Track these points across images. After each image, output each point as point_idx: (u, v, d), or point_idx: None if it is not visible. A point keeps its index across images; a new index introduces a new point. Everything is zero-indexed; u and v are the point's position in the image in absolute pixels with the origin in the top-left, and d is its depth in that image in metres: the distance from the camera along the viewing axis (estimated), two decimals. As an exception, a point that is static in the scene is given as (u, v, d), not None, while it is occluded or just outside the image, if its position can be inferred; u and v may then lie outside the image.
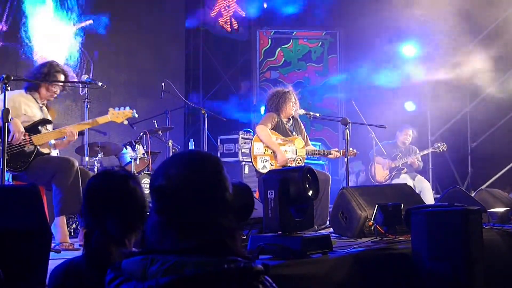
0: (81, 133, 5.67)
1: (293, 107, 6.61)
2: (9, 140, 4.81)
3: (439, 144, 8.98)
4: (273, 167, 6.31)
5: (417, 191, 8.48)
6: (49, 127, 5.29)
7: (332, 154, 6.68)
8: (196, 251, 1.70)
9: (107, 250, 2.16)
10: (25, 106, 5.14)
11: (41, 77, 5.19)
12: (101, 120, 5.47)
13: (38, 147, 5.05)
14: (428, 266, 3.54)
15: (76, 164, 4.93)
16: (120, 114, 5.54)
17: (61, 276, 2.19)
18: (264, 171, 6.26)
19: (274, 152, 6.40)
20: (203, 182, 1.80)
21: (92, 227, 2.25)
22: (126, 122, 5.66)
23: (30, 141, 5.00)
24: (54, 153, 5.31)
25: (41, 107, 5.29)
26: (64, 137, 5.27)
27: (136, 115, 5.68)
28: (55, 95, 5.41)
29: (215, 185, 1.82)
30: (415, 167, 8.94)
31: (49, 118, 5.33)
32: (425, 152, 9.10)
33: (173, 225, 1.76)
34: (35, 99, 5.26)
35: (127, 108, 5.58)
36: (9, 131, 4.82)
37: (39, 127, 5.15)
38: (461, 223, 3.54)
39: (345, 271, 3.36)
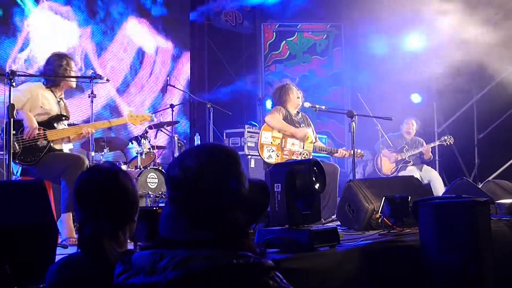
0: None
1: (298, 97, 6.66)
2: (24, 136, 4.83)
3: (446, 137, 8.97)
4: (279, 158, 6.32)
5: (425, 181, 8.48)
6: (66, 122, 5.29)
7: (338, 152, 6.68)
8: (207, 244, 1.70)
9: (98, 242, 2.17)
10: (43, 99, 5.14)
11: (60, 69, 5.20)
12: (117, 121, 5.55)
13: (51, 143, 5.03)
14: (436, 258, 3.52)
15: (86, 161, 4.92)
16: (138, 117, 5.59)
17: (58, 271, 2.20)
18: (270, 160, 6.28)
19: (289, 133, 6.40)
20: (218, 174, 1.80)
21: (83, 221, 2.27)
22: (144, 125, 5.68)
23: (44, 136, 5.00)
24: (66, 148, 5.30)
25: (58, 102, 5.29)
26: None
27: (155, 119, 5.70)
28: (74, 85, 5.47)
29: (229, 178, 1.81)
30: (427, 158, 8.92)
31: (66, 113, 5.34)
32: (432, 145, 9.08)
33: (185, 215, 1.77)
34: (53, 92, 5.27)
35: (146, 111, 5.59)
36: (23, 125, 4.85)
37: (55, 123, 5.14)
38: (469, 214, 3.53)
39: (352, 264, 3.35)
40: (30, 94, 5.02)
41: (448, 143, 8.96)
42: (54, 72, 5.20)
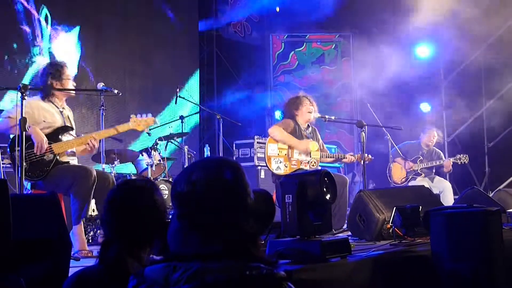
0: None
1: (309, 111, 6.56)
2: (35, 150, 4.81)
3: (461, 156, 8.77)
4: (287, 168, 6.30)
5: (437, 192, 8.41)
6: (73, 132, 5.25)
7: (346, 158, 6.64)
8: (219, 256, 1.70)
9: (124, 263, 2.16)
10: (44, 112, 5.07)
11: (55, 76, 5.15)
12: (122, 128, 5.28)
13: (58, 156, 4.97)
14: (448, 267, 3.52)
15: (94, 173, 4.86)
16: (142, 122, 5.33)
17: (74, 286, 2.18)
18: (278, 172, 6.26)
19: (292, 146, 6.37)
20: (225, 187, 1.80)
21: (111, 238, 2.25)
22: (147, 130, 5.47)
23: (50, 149, 4.94)
24: (74, 160, 5.25)
25: (61, 112, 5.24)
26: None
27: (158, 123, 5.58)
28: (73, 93, 5.42)
29: (237, 190, 1.81)
30: (446, 171, 8.80)
31: (70, 123, 5.27)
32: (451, 160, 8.92)
33: (196, 230, 1.77)
34: (53, 103, 5.21)
35: (149, 115, 5.38)
36: (32, 141, 4.82)
37: (60, 135, 5.08)
38: (480, 224, 3.52)
39: (364, 275, 3.35)
40: (30, 109, 4.91)
41: (463, 162, 8.78)
42: (46, 82, 5.13)
